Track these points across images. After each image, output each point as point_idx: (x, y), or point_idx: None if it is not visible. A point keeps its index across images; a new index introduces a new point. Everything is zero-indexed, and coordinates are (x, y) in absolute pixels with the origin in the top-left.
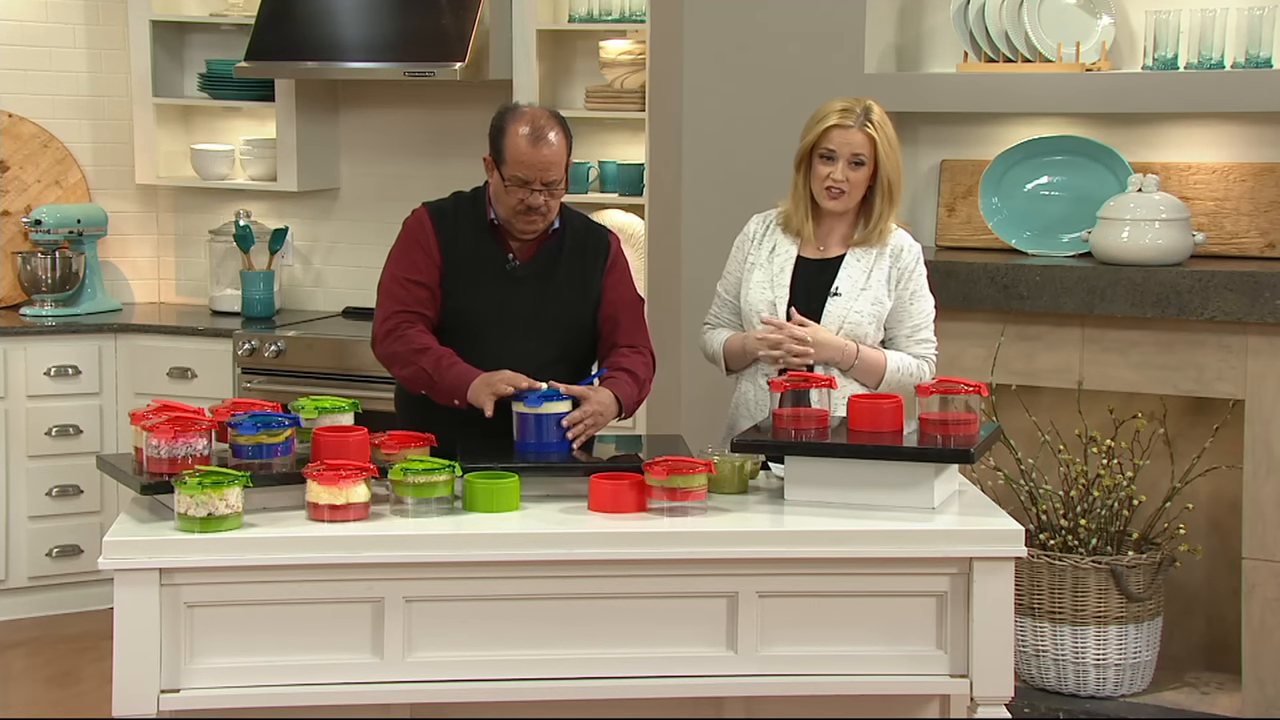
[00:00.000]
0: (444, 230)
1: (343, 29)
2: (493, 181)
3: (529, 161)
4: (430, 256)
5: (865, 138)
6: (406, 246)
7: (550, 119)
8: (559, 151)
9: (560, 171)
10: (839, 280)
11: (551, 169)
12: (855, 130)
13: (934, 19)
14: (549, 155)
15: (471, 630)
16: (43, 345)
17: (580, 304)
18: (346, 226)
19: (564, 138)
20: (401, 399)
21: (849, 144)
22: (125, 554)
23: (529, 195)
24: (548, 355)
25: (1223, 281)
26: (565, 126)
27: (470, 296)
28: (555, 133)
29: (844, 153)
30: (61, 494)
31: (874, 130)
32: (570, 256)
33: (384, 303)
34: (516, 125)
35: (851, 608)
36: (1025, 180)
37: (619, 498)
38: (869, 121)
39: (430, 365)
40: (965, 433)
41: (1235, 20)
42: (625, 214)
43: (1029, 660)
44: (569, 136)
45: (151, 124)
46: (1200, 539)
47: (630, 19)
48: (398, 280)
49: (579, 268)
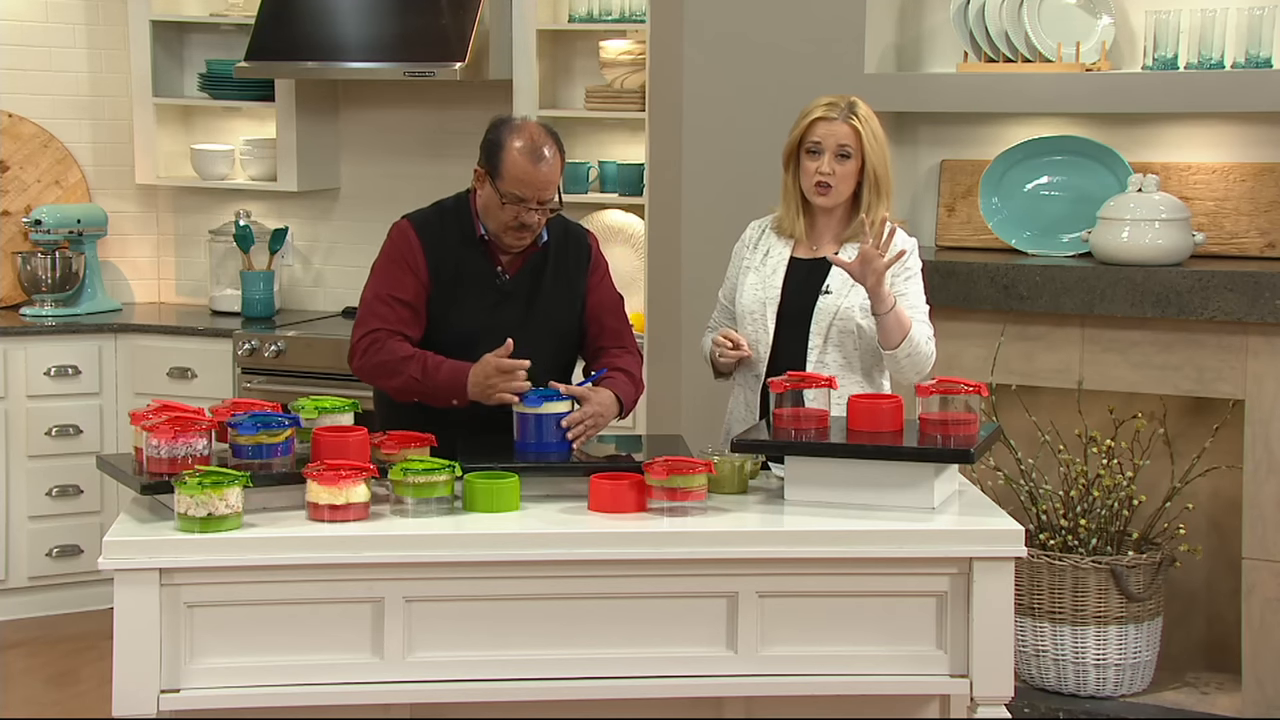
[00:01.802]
0: (431, 246)
1: (343, 29)
2: (484, 194)
3: (527, 180)
4: (418, 276)
5: (850, 129)
6: (391, 262)
7: (547, 135)
8: (555, 169)
9: (556, 190)
10: (830, 278)
11: (549, 187)
12: (839, 122)
13: (934, 19)
14: (547, 174)
15: (471, 630)
16: (43, 345)
17: (567, 311)
18: (346, 226)
19: (559, 154)
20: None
21: (834, 135)
22: (125, 554)
23: (524, 213)
24: (537, 363)
25: (1223, 281)
26: (559, 142)
27: (459, 312)
28: (552, 150)
29: (829, 145)
30: (61, 494)
31: (858, 123)
32: (555, 265)
33: (365, 319)
34: (514, 140)
35: (851, 608)
36: (1025, 180)
37: (619, 498)
38: (853, 114)
39: (418, 371)
40: (965, 433)
41: (1235, 20)
42: (625, 214)
43: (1029, 660)
44: (563, 152)
45: (151, 124)
46: (1200, 539)
47: (630, 19)
48: (381, 298)
49: (564, 275)
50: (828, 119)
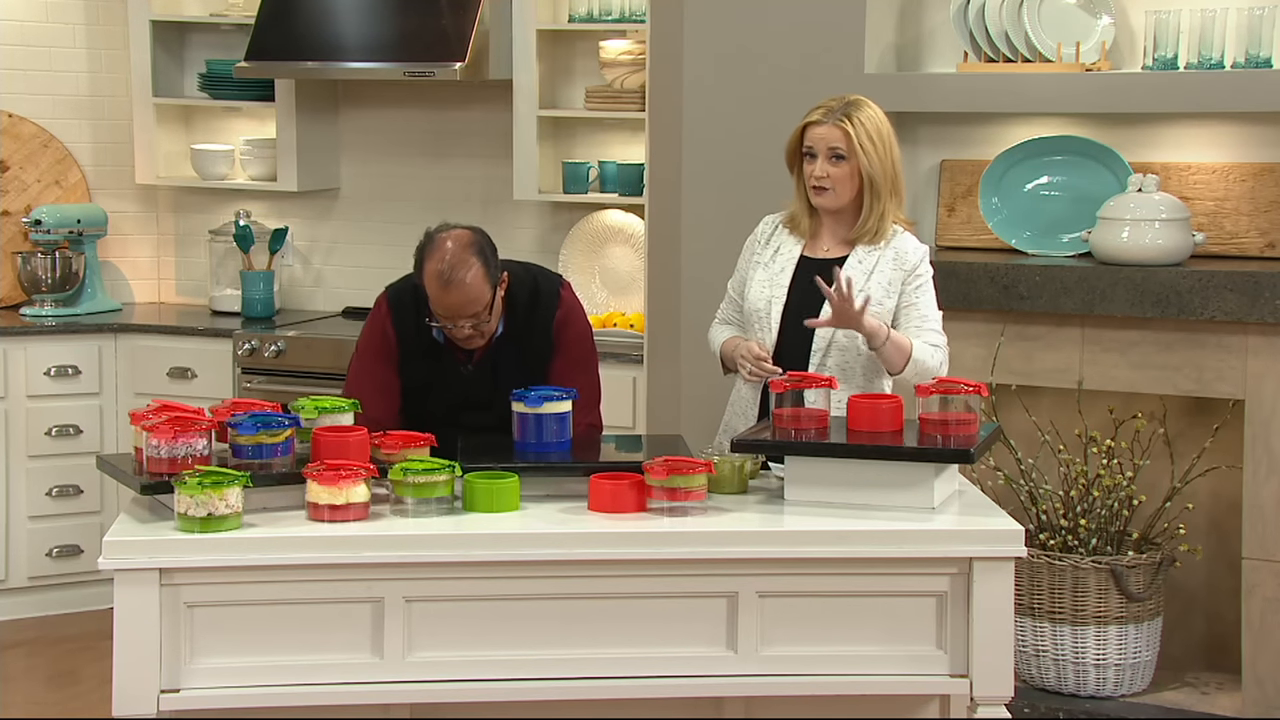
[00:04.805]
0: (401, 324)
1: (343, 29)
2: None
3: (442, 304)
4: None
5: (840, 132)
6: (370, 340)
7: (463, 253)
8: (473, 289)
9: (480, 305)
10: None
11: (467, 306)
12: (830, 125)
13: (934, 19)
14: (458, 298)
15: (471, 630)
16: (43, 345)
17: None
18: (346, 226)
19: (480, 272)
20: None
21: (824, 139)
22: (125, 554)
23: (453, 329)
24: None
25: (1223, 281)
26: (484, 255)
27: (429, 387)
28: (468, 271)
29: (821, 148)
30: (61, 494)
31: (849, 124)
32: (520, 344)
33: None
34: (428, 263)
35: (851, 608)
36: (1025, 180)
37: (619, 498)
38: (845, 116)
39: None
40: (965, 433)
41: (1235, 20)
42: (625, 214)
43: (1029, 660)
44: (488, 265)
45: (151, 124)
46: (1200, 539)
47: (630, 19)
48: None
49: (531, 348)
50: (819, 123)
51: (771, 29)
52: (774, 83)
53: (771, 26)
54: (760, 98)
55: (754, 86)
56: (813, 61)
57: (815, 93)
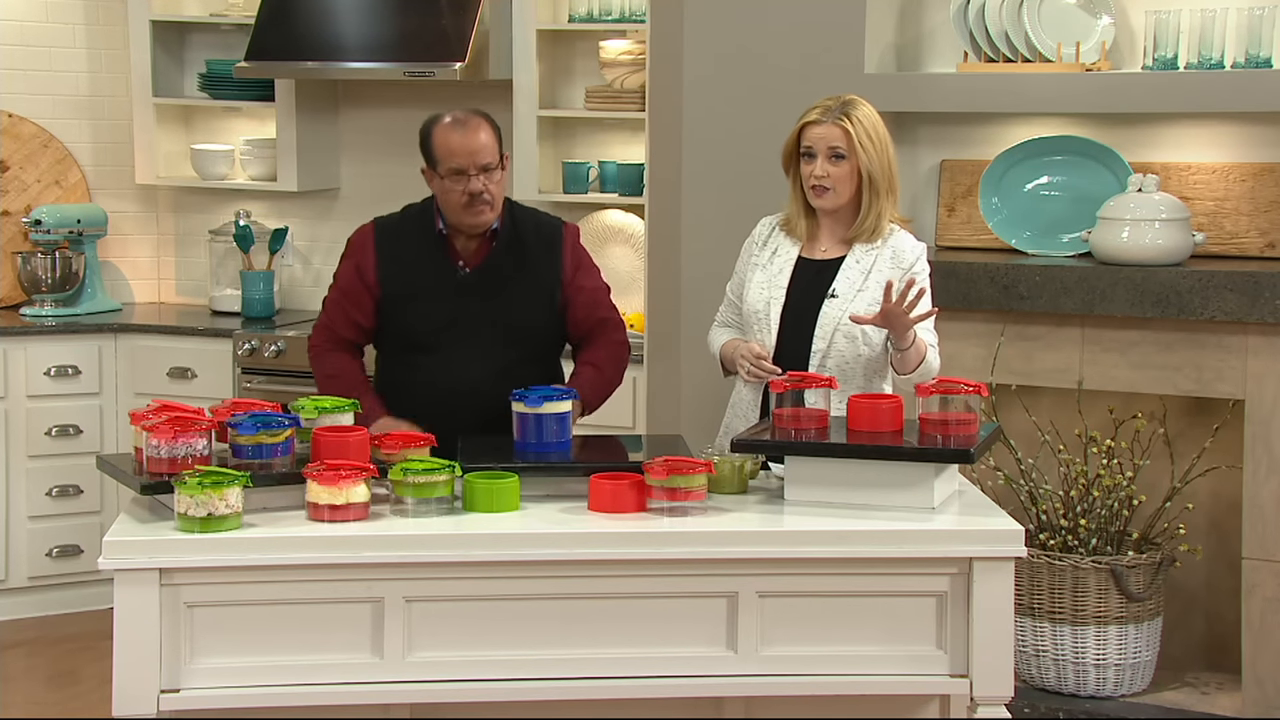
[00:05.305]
0: (386, 249)
1: (343, 29)
2: (434, 188)
3: (459, 149)
4: (366, 283)
5: (840, 131)
6: (347, 267)
7: (471, 111)
8: (484, 135)
9: (492, 155)
10: (836, 282)
11: (482, 152)
12: (829, 125)
13: (934, 19)
14: (475, 140)
15: (471, 630)
16: (43, 345)
17: (536, 306)
18: (346, 226)
19: (488, 124)
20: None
21: (823, 138)
22: (125, 554)
23: (468, 182)
24: (509, 358)
25: (1223, 281)
26: (488, 116)
27: (419, 311)
28: (477, 120)
29: (820, 148)
30: (61, 494)
31: (848, 123)
32: (518, 258)
33: (322, 312)
34: (438, 123)
35: (851, 608)
36: (1025, 180)
37: (619, 498)
38: (844, 115)
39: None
40: (965, 433)
41: (1235, 20)
42: (625, 214)
43: (1029, 660)
44: (496, 127)
45: (151, 124)
46: (1200, 539)
47: (630, 19)
48: (335, 301)
49: (530, 267)
50: (818, 123)
51: (771, 29)
52: (774, 83)
53: (771, 26)
54: (760, 98)
55: (754, 86)
56: (813, 61)
57: (815, 93)
